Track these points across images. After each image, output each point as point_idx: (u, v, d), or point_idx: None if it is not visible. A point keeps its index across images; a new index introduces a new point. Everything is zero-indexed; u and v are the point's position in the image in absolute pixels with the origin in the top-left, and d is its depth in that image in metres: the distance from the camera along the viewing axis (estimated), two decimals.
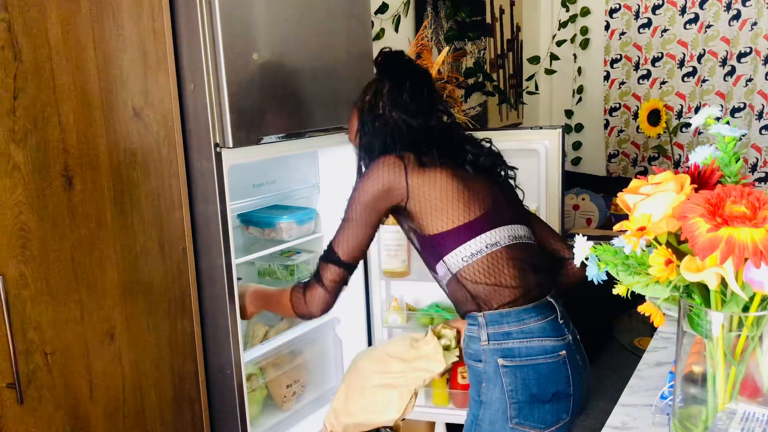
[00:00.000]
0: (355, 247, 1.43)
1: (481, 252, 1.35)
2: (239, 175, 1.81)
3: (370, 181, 1.41)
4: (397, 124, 1.46)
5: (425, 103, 1.48)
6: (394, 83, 1.48)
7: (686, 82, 3.69)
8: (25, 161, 1.25)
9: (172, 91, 1.52)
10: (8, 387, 1.25)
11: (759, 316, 0.79)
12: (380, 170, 1.41)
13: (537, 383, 1.32)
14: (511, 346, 1.33)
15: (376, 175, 1.41)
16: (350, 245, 1.43)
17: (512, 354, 1.33)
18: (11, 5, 1.21)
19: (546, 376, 1.33)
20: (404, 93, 1.47)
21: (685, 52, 3.66)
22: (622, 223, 0.84)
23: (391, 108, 1.47)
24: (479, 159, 1.48)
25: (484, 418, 1.37)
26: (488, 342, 1.35)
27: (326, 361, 2.18)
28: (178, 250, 1.57)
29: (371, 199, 1.41)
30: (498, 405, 1.34)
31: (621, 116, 3.95)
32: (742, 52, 3.45)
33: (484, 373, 1.36)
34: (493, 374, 1.34)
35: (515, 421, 1.33)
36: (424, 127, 1.46)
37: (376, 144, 1.47)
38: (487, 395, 1.36)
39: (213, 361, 1.67)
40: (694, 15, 3.59)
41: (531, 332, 1.33)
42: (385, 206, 1.42)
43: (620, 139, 3.98)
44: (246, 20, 1.56)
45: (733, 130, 0.87)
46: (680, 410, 0.90)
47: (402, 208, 1.42)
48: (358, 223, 1.42)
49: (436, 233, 1.39)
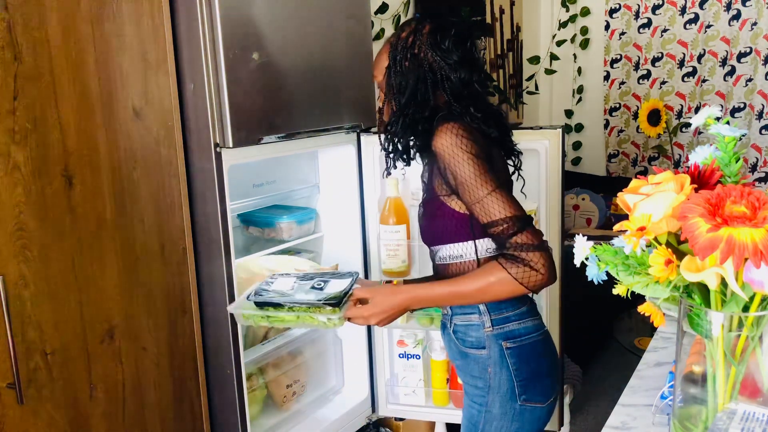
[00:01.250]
0: (518, 204, 1.29)
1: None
2: (239, 175, 1.81)
3: (459, 150, 1.27)
4: (432, 69, 1.34)
5: (468, 55, 1.36)
6: (437, 26, 1.36)
7: (686, 82, 3.69)
8: (25, 161, 1.25)
9: (172, 91, 1.52)
10: (8, 387, 1.25)
11: (759, 316, 0.79)
12: (456, 133, 1.28)
13: (536, 359, 1.40)
14: (512, 329, 1.38)
15: (457, 140, 1.27)
16: (517, 204, 1.28)
17: (514, 335, 1.38)
18: (11, 5, 1.21)
19: (541, 351, 1.41)
20: (447, 39, 1.34)
21: (685, 52, 3.66)
22: (622, 223, 0.84)
23: (430, 51, 1.35)
24: (509, 141, 1.42)
25: (494, 402, 1.39)
26: (492, 328, 1.38)
27: (326, 361, 2.18)
28: (178, 250, 1.57)
29: (477, 158, 1.27)
30: (507, 386, 1.38)
31: (621, 116, 3.95)
32: (742, 52, 3.45)
33: (489, 359, 1.39)
34: (499, 357, 1.38)
35: (523, 398, 1.37)
36: (464, 81, 1.35)
37: (408, 85, 1.35)
38: (495, 379, 1.39)
39: (213, 361, 1.67)
40: (694, 15, 3.59)
41: (523, 314, 1.39)
42: (488, 157, 1.30)
43: (620, 139, 3.98)
44: (246, 20, 1.56)
45: (733, 130, 0.87)
46: (680, 410, 0.90)
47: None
48: (500, 188, 1.27)
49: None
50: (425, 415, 2.17)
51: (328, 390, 2.18)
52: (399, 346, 2.13)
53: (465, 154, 1.27)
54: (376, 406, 2.18)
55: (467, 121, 1.32)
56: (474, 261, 1.37)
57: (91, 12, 1.34)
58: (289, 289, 1.46)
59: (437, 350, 2.10)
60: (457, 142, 1.28)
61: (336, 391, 2.19)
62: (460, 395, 2.06)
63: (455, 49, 1.35)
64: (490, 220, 1.27)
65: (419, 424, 2.32)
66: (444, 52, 1.35)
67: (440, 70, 1.35)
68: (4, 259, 1.23)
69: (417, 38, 1.37)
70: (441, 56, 1.35)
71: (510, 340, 1.37)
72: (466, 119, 1.33)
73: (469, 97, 1.36)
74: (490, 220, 1.27)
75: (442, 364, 2.09)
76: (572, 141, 4.10)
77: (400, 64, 1.37)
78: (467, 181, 1.27)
